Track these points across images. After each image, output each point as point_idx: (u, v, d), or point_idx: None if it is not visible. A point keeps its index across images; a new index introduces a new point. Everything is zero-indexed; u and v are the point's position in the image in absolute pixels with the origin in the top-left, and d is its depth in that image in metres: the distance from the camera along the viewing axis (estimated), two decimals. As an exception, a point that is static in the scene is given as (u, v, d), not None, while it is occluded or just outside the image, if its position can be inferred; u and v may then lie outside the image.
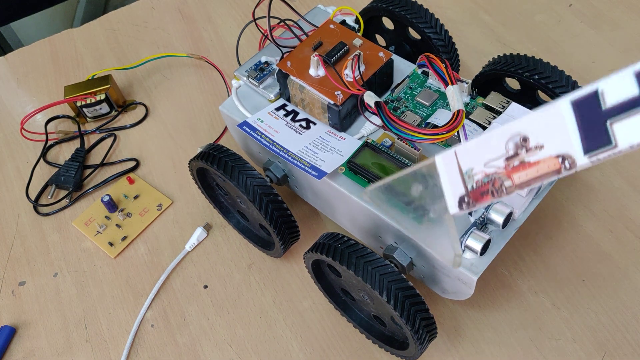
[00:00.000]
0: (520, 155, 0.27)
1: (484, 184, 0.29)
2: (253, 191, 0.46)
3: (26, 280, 0.56)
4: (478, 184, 0.29)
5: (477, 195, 0.29)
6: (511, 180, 0.28)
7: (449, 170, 0.30)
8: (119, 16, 0.78)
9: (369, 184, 0.45)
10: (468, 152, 0.29)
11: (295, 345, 0.50)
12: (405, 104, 0.49)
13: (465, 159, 0.29)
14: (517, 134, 0.27)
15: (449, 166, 0.30)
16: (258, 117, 0.50)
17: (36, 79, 0.73)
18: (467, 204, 0.30)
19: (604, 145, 0.24)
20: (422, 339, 0.41)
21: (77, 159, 0.63)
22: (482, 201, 0.29)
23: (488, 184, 0.28)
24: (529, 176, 0.27)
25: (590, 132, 0.24)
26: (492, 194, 0.29)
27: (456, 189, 0.30)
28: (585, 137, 0.24)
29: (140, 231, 0.58)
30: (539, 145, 0.26)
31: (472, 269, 0.41)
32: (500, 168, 0.28)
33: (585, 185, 0.56)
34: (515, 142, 0.27)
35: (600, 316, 0.49)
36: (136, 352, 0.51)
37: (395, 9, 0.53)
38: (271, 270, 0.54)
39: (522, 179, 0.27)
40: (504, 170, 0.28)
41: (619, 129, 0.23)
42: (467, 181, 0.29)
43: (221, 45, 0.73)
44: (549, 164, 0.26)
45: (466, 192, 0.29)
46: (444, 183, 0.30)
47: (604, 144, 0.24)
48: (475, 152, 0.29)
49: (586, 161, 0.25)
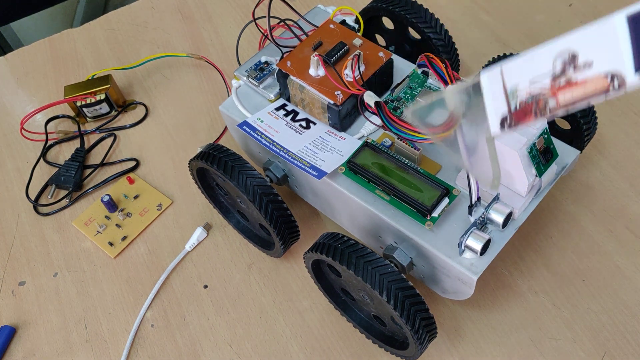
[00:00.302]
0: (567, 73, 0.26)
1: (527, 104, 0.28)
2: (253, 191, 0.46)
3: (26, 280, 0.56)
4: (521, 104, 0.28)
5: (520, 115, 0.29)
6: (556, 99, 0.27)
7: (493, 89, 0.29)
8: (119, 16, 0.78)
9: (369, 184, 0.45)
10: (514, 70, 0.28)
11: (295, 345, 0.50)
12: (405, 103, 0.49)
13: (511, 77, 0.28)
14: (566, 50, 0.26)
15: (494, 85, 0.29)
16: (258, 117, 0.50)
17: (36, 79, 0.73)
18: (509, 125, 0.29)
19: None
20: (422, 339, 0.41)
21: (77, 159, 0.63)
22: (524, 121, 0.29)
23: (532, 103, 0.28)
24: (575, 96, 0.26)
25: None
26: (535, 114, 0.28)
27: (499, 108, 0.29)
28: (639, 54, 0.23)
29: (140, 231, 0.58)
30: (588, 62, 0.25)
31: (472, 268, 0.41)
32: (545, 87, 0.27)
33: (585, 185, 0.56)
34: (564, 60, 0.26)
35: (600, 316, 0.49)
36: (136, 352, 0.51)
37: (395, 9, 0.53)
38: (271, 270, 0.54)
39: (567, 99, 0.27)
40: (549, 90, 0.27)
41: None
42: (511, 101, 0.29)
43: (221, 45, 0.73)
44: (596, 83, 0.25)
45: (509, 112, 0.29)
46: (487, 102, 0.30)
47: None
48: (521, 70, 0.28)
49: (636, 80, 0.24)
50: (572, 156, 0.46)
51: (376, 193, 0.44)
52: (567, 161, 0.45)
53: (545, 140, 0.41)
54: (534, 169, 0.41)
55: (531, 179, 0.41)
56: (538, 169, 0.41)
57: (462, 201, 0.44)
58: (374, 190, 0.44)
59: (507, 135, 0.30)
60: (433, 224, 0.42)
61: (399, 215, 0.44)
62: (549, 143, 0.42)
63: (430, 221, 0.42)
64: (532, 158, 0.41)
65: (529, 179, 0.41)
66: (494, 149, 0.32)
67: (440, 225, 0.43)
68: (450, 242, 0.42)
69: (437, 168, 0.46)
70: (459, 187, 0.44)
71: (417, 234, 0.43)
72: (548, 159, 0.42)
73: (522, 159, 0.40)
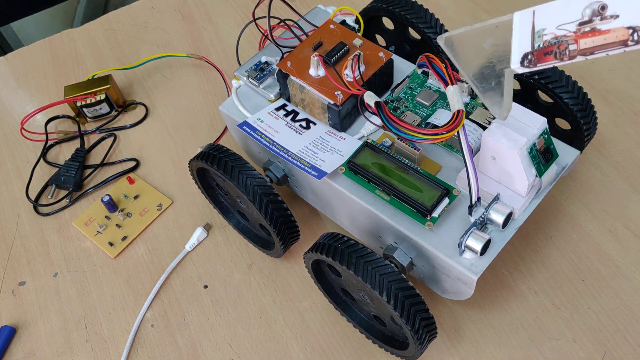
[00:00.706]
0: (593, 22, 0.28)
1: (550, 44, 0.30)
2: (253, 191, 0.46)
3: (26, 280, 0.56)
4: (545, 44, 0.31)
5: (541, 54, 0.31)
6: (577, 44, 0.29)
7: (522, 27, 0.32)
8: (119, 16, 0.78)
9: (369, 184, 0.45)
10: (546, 13, 0.30)
11: (295, 345, 0.50)
12: (405, 104, 0.49)
13: (542, 19, 0.31)
14: (597, 1, 0.28)
15: (524, 24, 0.31)
16: (258, 117, 0.50)
17: (36, 79, 0.73)
18: (529, 61, 0.32)
19: None
20: (422, 339, 0.41)
21: (77, 159, 0.63)
22: (544, 61, 0.31)
23: (554, 45, 0.30)
24: (595, 43, 0.28)
25: None
26: (555, 55, 0.30)
27: (523, 46, 0.32)
28: None
29: (140, 231, 0.58)
30: (615, 14, 0.27)
31: (472, 269, 0.41)
32: (570, 32, 0.29)
33: (585, 185, 0.56)
34: (593, 9, 0.28)
35: (600, 316, 0.49)
36: (136, 352, 0.51)
37: (395, 9, 0.53)
38: (271, 270, 0.54)
39: (588, 45, 0.29)
40: (573, 35, 0.29)
41: None
42: (536, 40, 0.31)
43: (221, 45, 0.73)
44: (617, 34, 0.27)
45: (532, 50, 0.31)
46: (514, 39, 0.32)
47: None
48: (552, 13, 0.30)
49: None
50: (572, 156, 0.46)
51: (376, 193, 0.44)
52: (567, 161, 0.45)
53: (545, 141, 0.42)
54: (534, 169, 0.41)
55: (531, 179, 0.41)
56: (538, 169, 0.41)
57: (462, 201, 0.44)
58: (374, 191, 0.44)
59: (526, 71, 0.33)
60: (433, 224, 0.42)
61: (399, 215, 0.44)
62: (549, 143, 0.42)
63: (430, 221, 0.42)
64: (532, 158, 0.41)
65: (529, 179, 0.41)
66: (511, 83, 0.34)
67: (440, 225, 0.43)
68: (450, 242, 0.42)
69: (437, 168, 0.46)
70: (459, 187, 0.44)
71: (417, 234, 0.43)
72: (548, 159, 0.42)
73: (522, 159, 0.40)
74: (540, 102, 0.50)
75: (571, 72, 0.49)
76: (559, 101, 0.47)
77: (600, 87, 0.62)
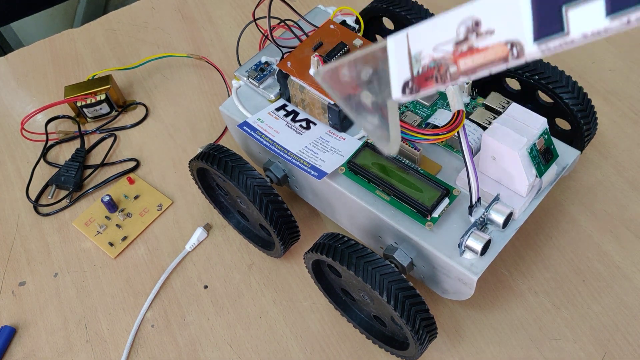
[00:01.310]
0: (469, 40, 0.26)
1: (429, 69, 0.28)
2: (253, 191, 0.46)
3: (26, 280, 0.56)
4: (424, 69, 0.29)
5: (422, 80, 0.29)
6: (457, 66, 0.27)
7: (398, 53, 0.30)
8: (119, 16, 0.78)
9: (369, 184, 0.45)
10: (420, 35, 0.29)
11: (295, 345, 0.50)
12: (405, 104, 0.49)
13: (416, 41, 0.29)
14: (470, 17, 0.26)
15: (399, 49, 0.29)
16: (258, 117, 0.50)
17: (36, 79, 0.73)
18: (411, 90, 0.29)
19: (556, 32, 0.23)
20: (422, 339, 0.41)
21: (77, 159, 0.63)
22: (425, 87, 0.29)
23: (433, 69, 0.28)
24: (475, 62, 0.26)
25: (544, 18, 0.24)
26: (436, 79, 0.28)
27: (402, 73, 0.30)
28: (538, 23, 0.24)
29: (140, 231, 0.58)
30: (490, 30, 0.26)
31: (472, 269, 0.41)
32: (448, 53, 0.27)
33: (585, 185, 0.56)
34: (467, 26, 0.26)
35: (600, 316, 0.49)
36: (136, 352, 0.51)
37: (396, 9, 0.53)
38: (271, 271, 0.54)
39: (468, 65, 0.27)
40: (451, 56, 0.27)
41: (574, 16, 0.23)
42: (414, 65, 0.29)
43: (221, 45, 0.73)
44: (496, 51, 0.25)
45: (411, 77, 0.29)
46: (392, 67, 0.30)
47: (555, 31, 0.23)
48: (426, 34, 0.28)
49: (535, 49, 0.24)
50: (572, 156, 0.46)
51: (376, 193, 0.44)
52: (568, 161, 0.45)
53: (546, 141, 0.42)
54: (534, 169, 0.41)
55: (531, 180, 0.41)
56: (538, 169, 0.41)
57: (462, 201, 0.44)
58: (374, 191, 0.44)
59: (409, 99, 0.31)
60: (433, 225, 0.42)
61: (399, 215, 0.44)
62: (549, 143, 0.42)
63: (431, 221, 0.42)
64: (532, 158, 0.41)
65: (529, 179, 0.41)
66: (396, 114, 0.32)
67: (440, 225, 0.43)
68: (451, 242, 0.42)
69: (437, 168, 0.46)
70: (459, 187, 0.44)
71: (417, 234, 0.43)
72: (548, 160, 0.42)
73: (523, 160, 0.40)
74: (540, 102, 0.50)
75: (571, 72, 0.49)
76: (559, 101, 0.47)
77: (600, 87, 0.62)
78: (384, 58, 0.30)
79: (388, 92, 0.31)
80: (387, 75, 0.30)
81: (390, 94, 0.30)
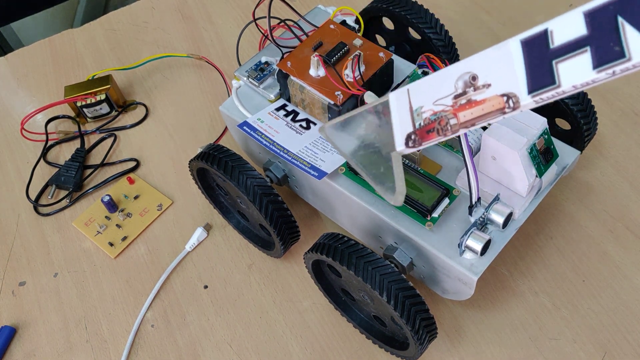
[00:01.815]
0: (468, 93, 0.28)
1: (431, 121, 0.30)
2: (253, 191, 0.46)
3: (26, 280, 0.56)
4: (426, 122, 0.30)
5: (424, 133, 0.30)
6: (457, 118, 0.29)
7: (400, 108, 0.31)
8: (119, 16, 0.78)
9: (368, 184, 0.45)
10: (420, 90, 0.30)
11: (295, 345, 0.50)
12: (406, 104, 0.49)
13: (417, 96, 0.30)
14: (467, 72, 0.28)
15: (401, 104, 0.31)
16: (258, 117, 0.50)
17: (36, 79, 0.73)
18: (414, 142, 0.31)
19: (548, 84, 0.24)
20: (422, 339, 0.41)
21: (77, 159, 0.63)
22: (428, 139, 0.30)
23: (435, 122, 0.30)
24: (474, 114, 0.28)
25: (536, 72, 0.25)
26: (437, 132, 0.30)
27: (405, 126, 0.31)
28: (531, 76, 0.25)
29: (140, 231, 0.58)
30: (487, 84, 0.27)
31: (472, 269, 0.41)
32: (447, 106, 0.29)
33: (585, 185, 0.56)
34: (465, 81, 0.28)
35: (600, 316, 0.49)
36: (136, 352, 0.51)
37: (395, 9, 0.53)
38: (271, 270, 0.54)
39: (467, 117, 0.28)
40: (451, 109, 0.29)
41: (564, 69, 0.24)
42: (416, 119, 0.30)
43: (221, 45, 0.73)
44: (494, 103, 0.27)
45: (414, 130, 0.31)
46: (394, 121, 0.32)
47: (548, 84, 0.24)
48: (426, 89, 0.30)
49: (529, 100, 0.25)
50: (572, 156, 0.46)
51: (376, 193, 0.44)
52: (568, 161, 0.45)
53: (546, 141, 0.42)
54: (534, 169, 0.41)
55: (531, 179, 0.41)
56: (538, 169, 0.41)
57: (462, 201, 0.44)
58: (374, 191, 0.44)
59: (412, 151, 0.32)
60: (433, 225, 0.42)
61: (399, 215, 0.44)
62: (549, 143, 0.42)
63: (431, 221, 0.42)
64: (532, 158, 0.41)
65: (529, 179, 0.41)
66: (400, 166, 0.33)
67: (440, 225, 0.43)
68: (451, 242, 0.42)
69: (437, 168, 0.46)
70: (459, 187, 0.44)
71: (417, 234, 0.43)
72: (548, 159, 0.42)
73: (523, 159, 0.40)
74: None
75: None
76: (559, 101, 0.47)
77: (600, 87, 0.62)
78: (386, 112, 0.32)
79: (392, 145, 0.32)
80: (390, 129, 0.32)
81: (394, 146, 0.32)
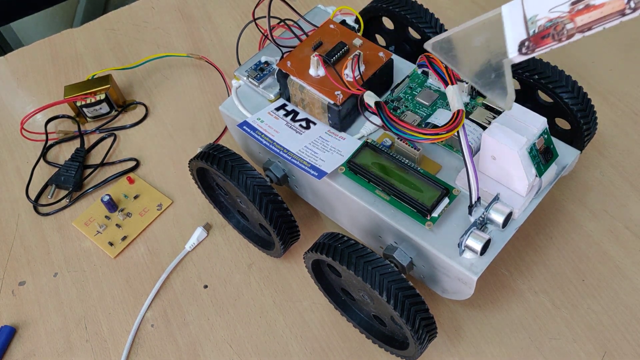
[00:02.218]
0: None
1: (546, 28, 0.30)
2: (253, 191, 0.46)
3: (26, 280, 0.56)
4: (540, 29, 0.31)
5: (538, 39, 0.31)
6: (574, 22, 0.29)
7: (513, 18, 0.32)
8: (119, 16, 0.78)
9: (369, 184, 0.45)
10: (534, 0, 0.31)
11: (295, 345, 0.50)
12: (405, 104, 0.49)
13: (531, 6, 0.31)
14: None
15: (514, 15, 0.32)
16: (258, 117, 0.50)
17: (36, 79, 0.73)
18: (527, 48, 0.32)
19: None
20: (422, 339, 0.41)
21: (77, 159, 0.63)
22: (542, 45, 0.31)
23: (550, 28, 0.30)
24: (592, 18, 0.28)
25: None
26: (552, 37, 0.30)
27: (518, 34, 0.32)
28: None
29: (140, 231, 0.58)
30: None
31: (472, 269, 0.41)
32: (564, 12, 0.29)
33: (585, 186, 0.56)
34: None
35: (600, 316, 0.49)
36: (136, 352, 0.51)
37: (395, 9, 0.53)
38: (271, 270, 0.54)
39: (585, 21, 0.29)
40: (567, 14, 0.29)
41: None
42: (530, 27, 0.31)
43: (221, 45, 0.73)
44: (613, 5, 0.27)
45: (527, 37, 0.31)
46: (507, 30, 0.32)
47: None
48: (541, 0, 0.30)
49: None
50: (572, 156, 0.46)
51: (376, 193, 0.44)
52: (567, 161, 0.45)
53: (545, 140, 0.41)
54: (534, 169, 0.41)
55: (531, 179, 0.41)
56: (538, 169, 0.41)
57: (462, 201, 0.44)
58: (374, 191, 0.44)
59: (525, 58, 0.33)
60: (433, 224, 0.42)
61: (399, 215, 0.44)
62: (549, 143, 0.42)
63: (430, 221, 0.42)
64: (532, 158, 0.41)
65: (529, 179, 0.41)
66: (510, 73, 0.34)
67: (440, 225, 0.43)
68: (450, 242, 0.42)
69: (437, 168, 0.46)
70: (459, 187, 0.44)
71: (417, 234, 0.43)
72: (548, 159, 0.42)
73: (522, 159, 0.40)
74: (540, 102, 0.50)
75: (571, 72, 0.49)
76: (559, 101, 0.47)
77: (600, 87, 0.62)
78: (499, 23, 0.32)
79: (503, 54, 0.33)
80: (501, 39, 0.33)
81: (506, 54, 0.33)
